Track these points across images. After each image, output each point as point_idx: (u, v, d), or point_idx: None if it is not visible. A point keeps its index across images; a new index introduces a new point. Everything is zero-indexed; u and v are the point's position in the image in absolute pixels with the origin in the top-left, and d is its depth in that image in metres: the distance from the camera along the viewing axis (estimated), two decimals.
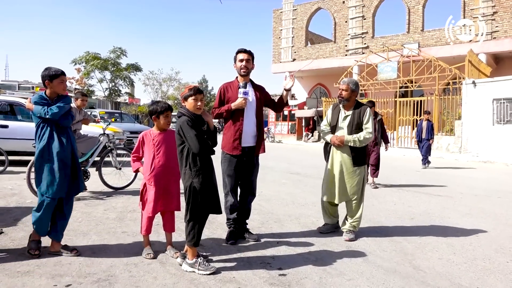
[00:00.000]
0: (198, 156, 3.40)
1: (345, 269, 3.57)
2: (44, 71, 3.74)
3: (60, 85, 3.79)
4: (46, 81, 3.73)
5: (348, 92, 4.49)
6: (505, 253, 4.12)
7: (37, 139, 3.70)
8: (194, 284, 3.18)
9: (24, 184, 7.27)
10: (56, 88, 3.78)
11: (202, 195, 3.42)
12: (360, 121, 4.46)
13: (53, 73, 3.73)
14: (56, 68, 3.80)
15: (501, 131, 14.52)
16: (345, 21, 26.31)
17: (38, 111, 3.66)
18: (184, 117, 3.43)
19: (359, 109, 4.52)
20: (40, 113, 3.65)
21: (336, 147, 4.54)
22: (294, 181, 8.38)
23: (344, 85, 4.51)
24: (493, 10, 20.69)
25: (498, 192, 7.84)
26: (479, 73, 17.90)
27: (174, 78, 43.87)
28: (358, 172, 4.49)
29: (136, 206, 5.35)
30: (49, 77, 3.71)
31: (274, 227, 4.94)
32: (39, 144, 3.67)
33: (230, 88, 4.35)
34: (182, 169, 3.48)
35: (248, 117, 4.26)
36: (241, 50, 4.34)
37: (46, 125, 3.71)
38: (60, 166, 3.66)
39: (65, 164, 3.71)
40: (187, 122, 3.39)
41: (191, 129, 3.36)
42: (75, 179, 3.82)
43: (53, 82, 3.74)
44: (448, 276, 3.46)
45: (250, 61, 4.31)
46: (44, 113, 3.64)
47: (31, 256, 3.62)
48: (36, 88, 16.17)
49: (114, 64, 32.10)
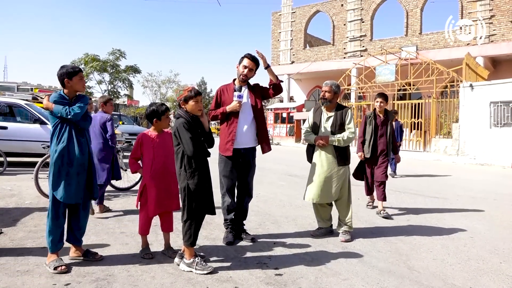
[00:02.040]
0: (193, 158, 3.45)
1: (340, 269, 3.62)
2: (61, 69, 3.55)
3: (80, 82, 3.60)
4: (65, 79, 3.52)
5: (331, 94, 4.60)
6: (499, 254, 4.17)
7: (55, 140, 3.50)
8: (192, 283, 3.22)
9: (22, 185, 7.32)
10: (76, 86, 3.59)
11: (197, 196, 3.47)
12: (343, 121, 4.56)
13: (72, 70, 3.55)
14: (72, 65, 3.68)
15: (498, 134, 14.60)
16: (343, 24, 26.42)
17: (59, 110, 3.45)
18: (181, 119, 3.48)
19: (341, 110, 4.63)
20: (61, 113, 3.45)
21: (321, 148, 4.61)
22: (291, 183, 8.42)
23: (327, 87, 4.61)
24: (490, 14, 20.81)
25: (494, 194, 7.90)
26: (477, 76, 17.99)
27: (173, 80, 43.95)
28: (343, 171, 4.57)
29: (134, 206, 5.39)
30: (67, 74, 3.52)
31: (271, 228, 4.99)
32: (57, 146, 3.47)
33: (226, 91, 4.41)
34: (178, 170, 3.53)
35: (243, 119, 4.31)
36: (249, 56, 4.31)
37: (65, 126, 3.51)
38: (79, 171, 3.53)
39: (83, 168, 3.57)
40: (183, 125, 3.43)
41: (187, 132, 3.41)
42: (91, 184, 3.67)
43: (73, 80, 3.55)
44: (442, 276, 3.51)
45: (253, 70, 4.34)
46: (66, 113, 3.45)
47: (62, 270, 3.36)
48: (35, 90, 16.18)
49: (113, 66, 32.18)
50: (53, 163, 3.47)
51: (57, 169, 3.46)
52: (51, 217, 3.49)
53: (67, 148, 3.48)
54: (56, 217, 3.51)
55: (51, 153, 3.51)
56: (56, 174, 3.46)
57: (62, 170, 3.46)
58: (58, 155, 3.46)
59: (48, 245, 3.48)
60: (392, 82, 21.02)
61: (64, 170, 3.47)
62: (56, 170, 3.46)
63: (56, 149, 3.47)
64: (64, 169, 3.46)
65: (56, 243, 3.49)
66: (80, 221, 3.66)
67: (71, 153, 3.49)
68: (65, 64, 3.61)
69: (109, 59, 32.35)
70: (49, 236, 3.48)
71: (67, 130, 3.51)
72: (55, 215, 3.50)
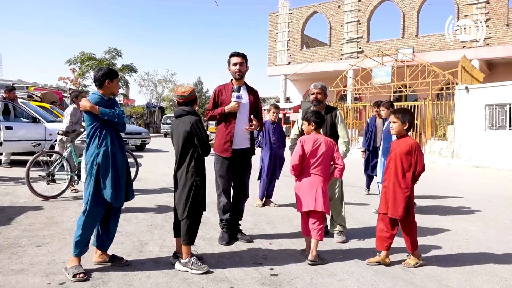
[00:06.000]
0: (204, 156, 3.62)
1: (335, 269, 3.63)
2: (102, 71, 3.54)
3: (117, 85, 3.67)
4: (106, 81, 3.52)
5: (322, 95, 4.66)
6: (493, 255, 4.20)
7: (97, 142, 3.44)
8: (187, 283, 3.22)
9: (17, 184, 7.28)
10: (114, 88, 3.62)
11: (203, 193, 3.57)
12: (333, 122, 4.62)
13: (113, 72, 3.58)
14: (110, 67, 3.69)
15: (493, 136, 14.66)
16: (340, 25, 26.47)
17: (106, 112, 3.42)
18: (195, 117, 3.60)
19: (331, 112, 4.69)
20: (108, 116, 3.42)
21: None
22: (287, 184, 8.41)
23: (318, 89, 4.65)
24: (486, 17, 20.93)
25: (488, 197, 7.94)
26: (472, 79, 18.07)
27: (170, 80, 43.74)
28: None
29: (129, 206, 5.38)
30: (109, 76, 3.53)
31: (266, 228, 4.99)
32: (99, 148, 3.42)
33: (224, 91, 4.41)
34: (184, 166, 3.56)
35: (240, 120, 4.32)
36: (234, 53, 4.39)
37: (105, 129, 3.47)
38: (121, 173, 3.51)
39: (124, 171, 3.56)
40: (200, 123, 3.59)
41: (204, 130, 3.57)
42: (128, 186, 3.64)
43: (113, 82, 3.57)
44: (437, 278, 3.53)
45: (244, 64, 4.37)
46: (115, 116, 3.45)
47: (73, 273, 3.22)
48: (30, 88, 16.10)
49: (109, 65, 32.01)
50: (95, 164, 3.40)
51: (104, 171, 3.41)
52: (89, 220, 3.39)
53: (111, 150, 3.45)
54: (95, 220, 3.44)
55: (90, 155, 3.44)
56: (104, 175, 3.41)
57: (109, 172, 3.42)
58: (103, 157, 3.41)
59: (75, 249, 3.36)
60: (388, 84, 21.06)
61: (111, 172, 3.43)
62: (103, 171, 3.41)
63: (98, 151, 3.42)
64: (110, 171, 3.42)
65: (84, 247, 3.42)
66: (110, 225, 3.59)
67: (114, 155, 3.47)
68: (102, 66, 3.60)
69: (105, 58, 32.24)
70: (80, 238, 3.36)
71: (108, 132, 3.48)
72: (93, 218, 3.42)
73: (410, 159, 3.75)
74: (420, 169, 3.72)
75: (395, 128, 3.86)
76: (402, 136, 3.86)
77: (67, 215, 5.26)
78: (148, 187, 7.50)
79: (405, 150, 3.75)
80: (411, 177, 3.74)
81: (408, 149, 3.74)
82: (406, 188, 3.72)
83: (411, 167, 3.75)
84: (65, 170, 6.48)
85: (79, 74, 33.04)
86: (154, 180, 8.48)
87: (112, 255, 3.62)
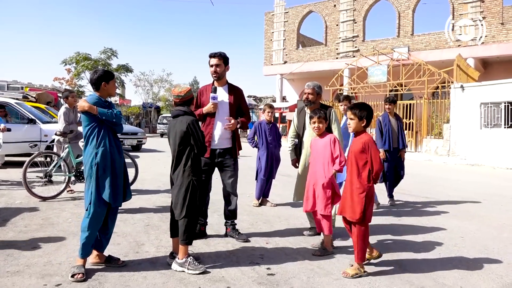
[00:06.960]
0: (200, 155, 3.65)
1: (332, 268, 3.63)
2: (96, 73, 3.56)
3: (114, 86, 3.70)
4: (103, 83, 3.56)
5: (314, 96, 4.68)
6: (489, 253, 4.22)
7: (95, 142, 3.45)
8: (184, 283, 3.21)
9: (12, 186, 7.25)
10: (111, 89, 3.66)
11: (200, 192, 3.59)
12: (328, 120, 4.60)
13: (109, 74, 3.61)
14: (106, 69, 3.73)
15: (488, 134, 14.73)
16: (336, 24, 26.49)
17: (104, 112, 3.45)
18: (191, 117, 3.61)
19: (325, 110, 4.65)
20: (106, 116, 3.45)
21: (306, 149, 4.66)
22: (284, 183, 8.41)
23: (310, 89, 4.68)
24: (481, 16, 21.01)
25: (484, 195, 7.98)
26: (467, 78, 18.14)
27: (166, 80, 43.62)
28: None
29: (125, 206, 5.37)
30: (105, 78, 3.57)
31: (263, 227, 5.00)
32: (97, 148, 3.43)
33: (205, 92, 4.48)
34: (181, 166, 3.56)
35: (219, 120, 4.36)
36: (211, 54, 4.40)
37: (103, 130, 3.49)
38: (119, 173, 3.53)
39: (121, 171, 3.58)
40: (197, 123, 3.62)
41: (201, 131, 3.59)
42: (125, 187, 3.65)
43: (109, 84, 3.61)
44: (433, 276, 3.54)
45: (221, 65, 4.36)
46: (113, 116, 3.48)
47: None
48: (25, 88, 16.03)
49: (105, 65, 31.93)
50: (94, 164, 3.41)
51: (102, 171, 3.42)
52: (93, 221, 3.39)
53: (109, 150, 3.47)
54: (99, 220, 3.44)
55: (89, 155, 3.45)
56: (102, 176, 3.42)
57: (107, 172, 3.44)
58: (101, 157, 3.42)
59: (81, 250, 3.36)
60: (384, 83, 21.11)
61: (109, 172, 3.44)
62: (101, 172, 3.42)
63: (97, 151, 3.43)
64: (108, 171, 3.44)
65: (90, 248, 3.42)
66: (108, 226, 3.59)
67: (112, 155, 3.48)
68: (97, 68, 3.62)
69: (101, 58, 32.14)
70: (86, 241, 3.36)
71: (106, 133, 3.50)
72: (97, 218, 3.42)
73: (365, 157, 3.49)
74: (377, 168, 3.45)
75: (352, 126, 3.60)
76: (359, 133, 3.62)
77: (63, 216, 5.24)
78: (144, 188, 7.49)
79: (359, 148, 3.51)
80: (368, 176, 3.49)
81: (362, 147, 3.49)
82: (362, 188, 3.47)
83: (367, 165, 3.50)
84: (62, 171, 6.46)
85: (74, 74, 32.92)
86: (151, 180, 8.46)
87: (109, 256, 3.60)
